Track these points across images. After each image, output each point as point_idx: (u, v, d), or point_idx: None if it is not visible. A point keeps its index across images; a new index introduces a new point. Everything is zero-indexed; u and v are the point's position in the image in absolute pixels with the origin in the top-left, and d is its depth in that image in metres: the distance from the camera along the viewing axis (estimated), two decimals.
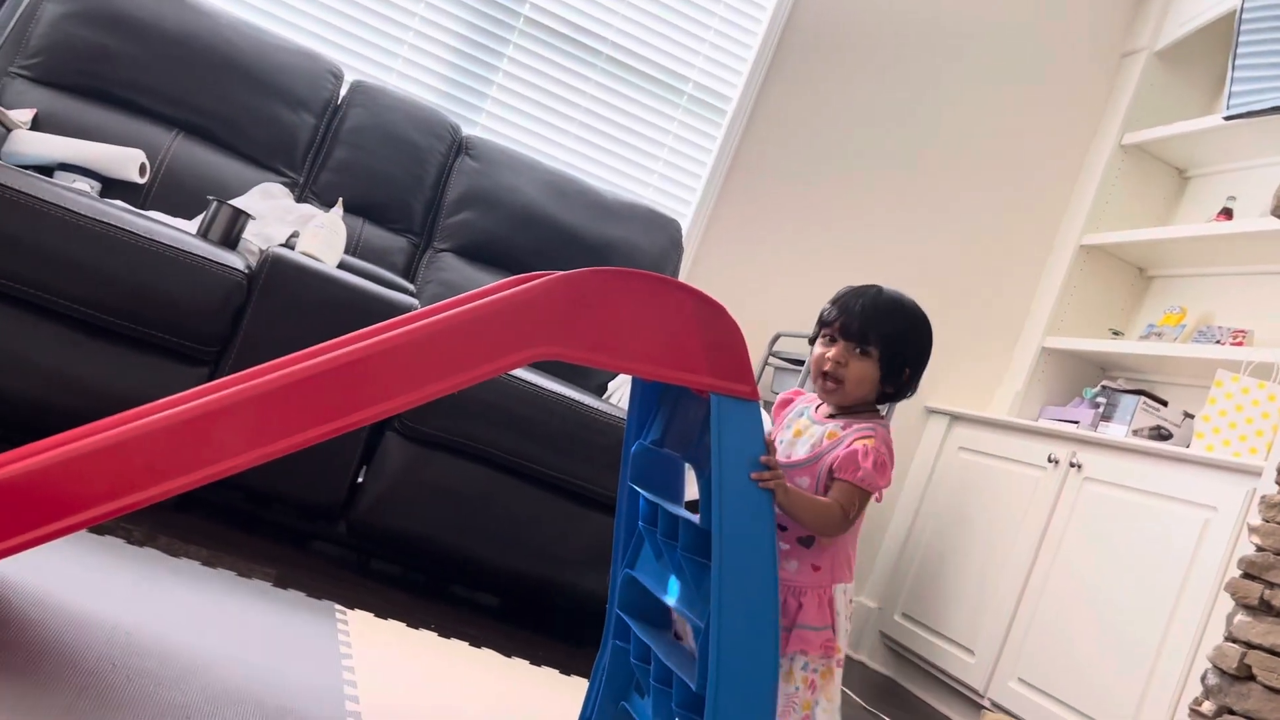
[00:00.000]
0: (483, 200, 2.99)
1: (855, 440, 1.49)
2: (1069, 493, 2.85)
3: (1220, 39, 3.44)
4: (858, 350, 1.53)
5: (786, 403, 1.66)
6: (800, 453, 1.55)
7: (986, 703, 2.86)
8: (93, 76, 2.66)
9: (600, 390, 2.86)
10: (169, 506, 2.11)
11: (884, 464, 1.48)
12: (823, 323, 1.57)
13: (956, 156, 3.66)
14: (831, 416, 1.56)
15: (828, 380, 1.54)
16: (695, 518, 1.41)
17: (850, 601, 1.55)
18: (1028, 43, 3.68)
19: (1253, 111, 2.97)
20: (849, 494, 1.47)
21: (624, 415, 2.18)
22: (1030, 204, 3.73)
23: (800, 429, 1.58)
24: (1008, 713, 2.74)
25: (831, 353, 1.54)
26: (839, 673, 1.51)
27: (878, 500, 1.53)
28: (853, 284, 1.60)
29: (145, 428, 1.25)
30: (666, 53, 3.43)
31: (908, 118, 3.60)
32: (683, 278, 3.31)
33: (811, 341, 1.61)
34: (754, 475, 1.37)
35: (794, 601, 1.50)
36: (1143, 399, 2.97)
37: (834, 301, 1.57)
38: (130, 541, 1.81)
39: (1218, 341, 3.05)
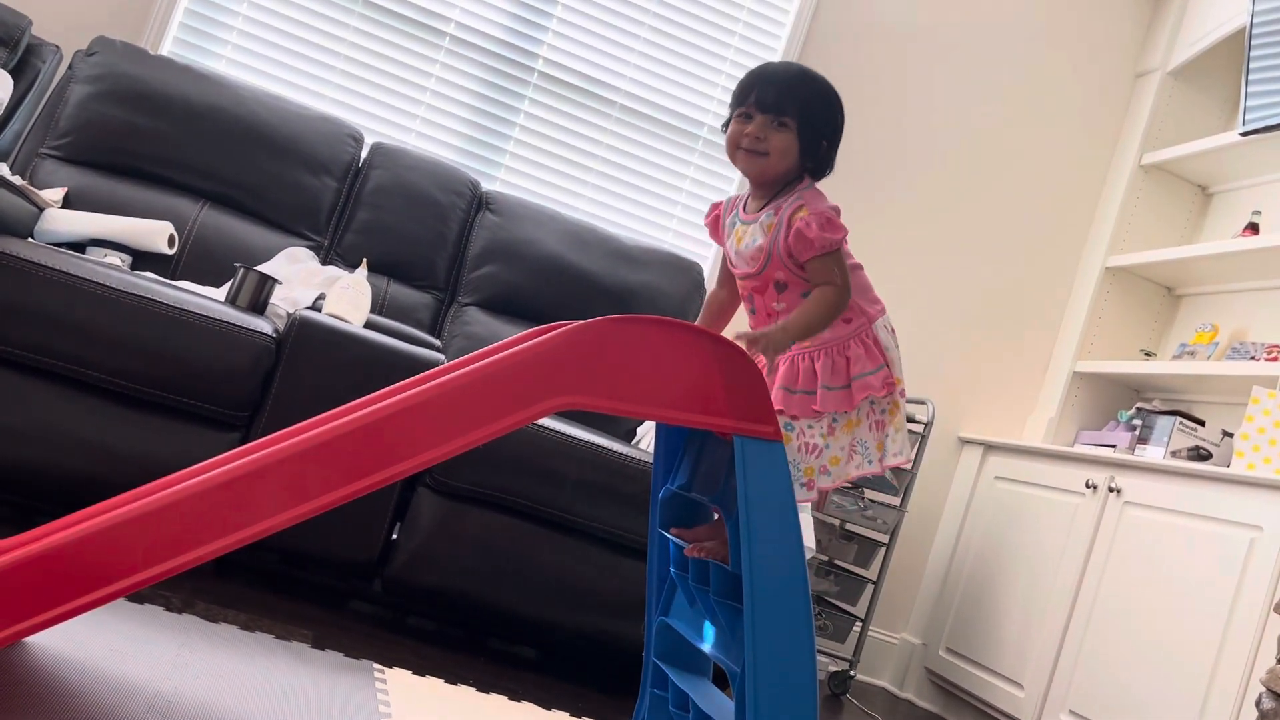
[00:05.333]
0: (505, 253, 3.02)
1: (790, 217, 1.52)
2: (1110, 518, 2.80)
3: (1233, 56, 3.43)
4: (775, 122, 1.54)
5: (716, 221, 1.68)
6: (748, 254, 1.57)
7: None
8: (120, 153, 2.73)
9: (629, 436, 2.86)
10: (206, 572, 2.13)
11: (829, 219, 1.50)
12: (736, 101, 1.59)
13: (975, 186, 3.66)
14: (760, 209, 1.58)
15: (749, 154, 1.55)
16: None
17: (892, 331, 1.59)
18: (1040, 70, 3.69)
19: (1269, 126, 2.96)
20: (824, 266, 1.51)
21: (652, 461, 2.18)
22: (1052, 229, 3.72)
23: (739, 235, 1.60)
24: None
25: (750, 128, 1.55)
26: (902, 402, 1.57)
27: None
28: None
29: (180, 494, 1.27)
30: (680, 99, 3.47)
31: (922, 151, 3.61)
32: None
33: (725, 128, 1.61)
34: (741, 348, 1.39)
35: (841, 359, 1.54)
36: (1179, 419, 2.93)
37: (746, 78, 1.58)
38: (169, 608, 1.83)
39: (1252, 358, 3.01)
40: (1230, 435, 2.89)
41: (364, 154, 3.03)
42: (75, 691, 1.39)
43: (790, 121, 1.54)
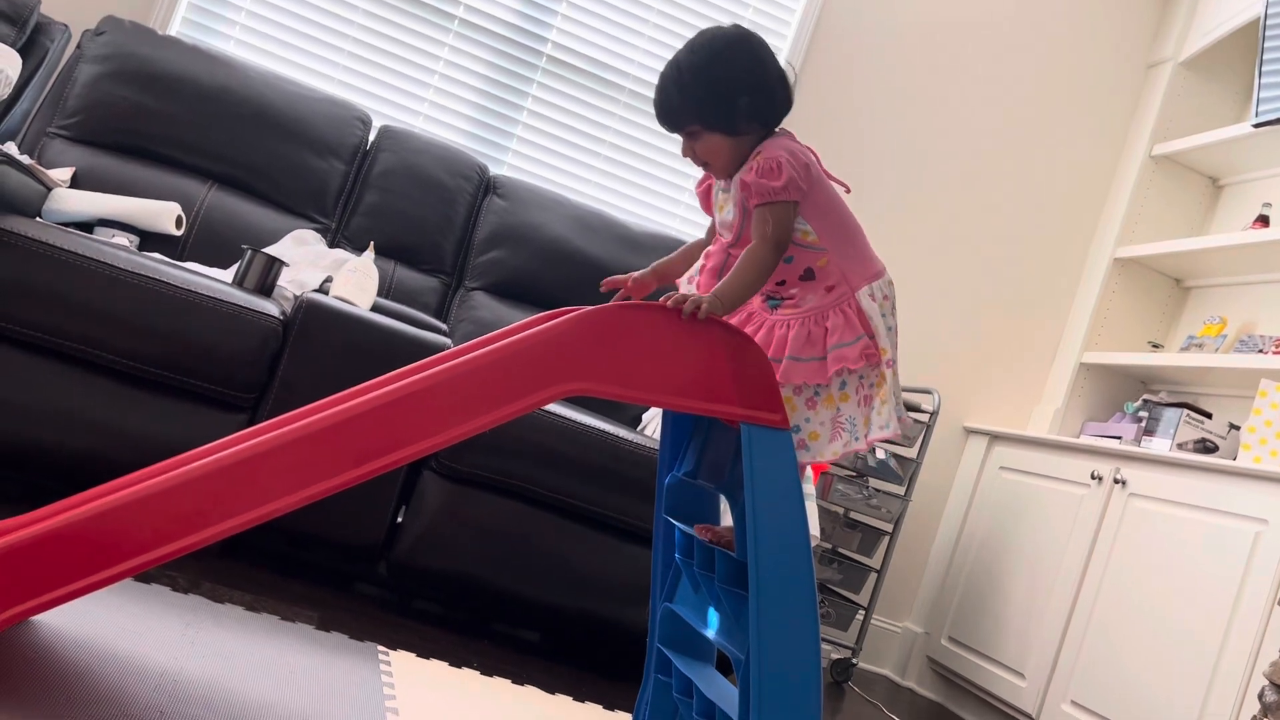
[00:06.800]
0: (512, 238, 3.02)
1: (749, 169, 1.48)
2: (1114, 510, 2.80)
3: (1246, 47, 3.41)
4: (687, 137, 1.51)
5: (708, 191, 1.63)
6: (727, 224, 1.54)
7: None
8: (129, 134, 2.73)
9: (635, 422, 2.86)
10: (213, 553, 2.14)
11: (771, 169, 1.43)
12: None
13: (985, 176, 3.65)
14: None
15: (705, 169, 1.55)
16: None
17: (886, 297, 1.49)
18: (1052, 59, 3.67)
19: None
20: (759, 217, 1.45)
21: (657, 447, 2.18)
22: (1061, 219, 3.71)
23: (721, 205, 1.58)
24: None
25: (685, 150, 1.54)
26: (889, 374, 1.45)
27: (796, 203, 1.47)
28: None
29: (187, 475, 1.27)
30: None
31: (932, 141, 3.60)
32: None
33: None
34: (675, 309, 1.36)
35: (819, 329, 1.47)
36: (1186, 412, 2.92)
37: None
38: (175, 589, 1.84)
39: (1260, 351, 3.00)
40: (1237, 428, 2.88)
41: (372, 137, 3.03)
42: (82, 670, 1.39)
43: (694, 126, 1.49)
